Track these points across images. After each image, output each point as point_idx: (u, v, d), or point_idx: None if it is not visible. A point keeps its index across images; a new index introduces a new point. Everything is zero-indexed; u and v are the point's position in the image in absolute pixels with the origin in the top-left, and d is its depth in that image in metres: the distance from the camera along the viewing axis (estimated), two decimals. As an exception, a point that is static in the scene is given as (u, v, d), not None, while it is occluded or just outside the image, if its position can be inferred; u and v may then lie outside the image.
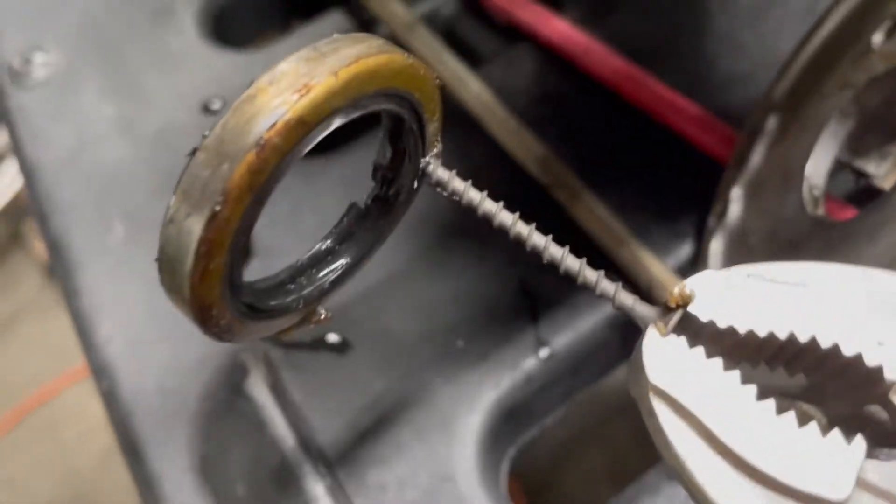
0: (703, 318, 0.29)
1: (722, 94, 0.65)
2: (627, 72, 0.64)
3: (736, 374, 0.27)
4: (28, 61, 0.71)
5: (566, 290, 0.56)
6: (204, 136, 0.24)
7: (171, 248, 0.25)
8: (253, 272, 0.58)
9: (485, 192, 0.32)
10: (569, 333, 0.54)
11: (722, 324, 0.29)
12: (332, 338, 0.55)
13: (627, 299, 0.30)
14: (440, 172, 0.32)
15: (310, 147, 0.26)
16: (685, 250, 0.57)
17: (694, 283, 0.30)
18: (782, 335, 0.28)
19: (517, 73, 0.68)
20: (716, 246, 0.54)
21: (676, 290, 0.29)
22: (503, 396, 0.52)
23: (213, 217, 0.24)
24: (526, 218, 0.32)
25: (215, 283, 0.26)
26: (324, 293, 0.33)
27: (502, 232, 0.62)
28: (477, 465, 0.50)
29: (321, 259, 0.33)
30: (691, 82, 0.65)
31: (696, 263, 0.55)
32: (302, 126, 0.24)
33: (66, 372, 1.68)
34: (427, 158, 0.32)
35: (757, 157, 0.54)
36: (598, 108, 0.65)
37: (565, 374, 0.55)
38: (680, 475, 0.27)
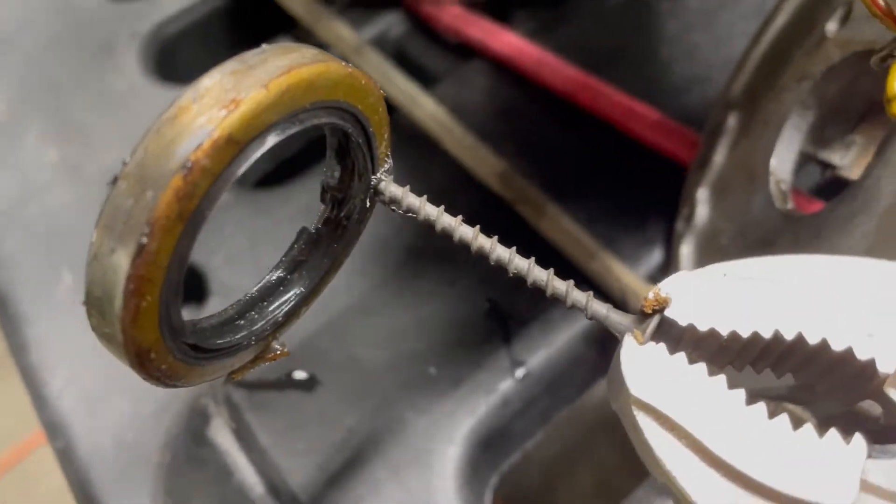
0: (682, 322, 0.27)
1: (678, 98, 0.64)
2: (583, 81, 0.63)
3: (722, 380, 0.25)
4: (-36, 111, 0.68)
5: (538, 307, 0.54)
6: (124, 163, 0.22)
7: (98, 287, 0.22)
8: (212, 311, 0.56)
9: (441, 207, 0.30)
10: (544, 351, 0.52)
11: (702, 327, 0.27)
12: (299, 374, 0.53)
13: (601, 308, 0.28)
14: (393, 189, 0.30)
15: (245, 168, 0.23)
16: (655, 257, 0.56)
17: (669, 286, 0.28)
18: (767, 334, 0.27)
19: (471, 90, 0.66)
20: (686, 249, 0.53)
21: (651, 295, 0.27)
22: (480, 423, 0.50)
23: (140, 251, 0.22)
24: (492, 236, 0.30)
25: (150, 323, 0.23)
26: (277, 327, 0.31)
27: (467, 252, 0.60)
28: (458, 498, 0.48)
29: (272, 290, 0.31)
30: (647, 88, 0.64)
31: (667, 269, 0.54)
32: (232, 145, 0.22)
33: (39, 429, 1.63)
34: (378, 175, 0.30)
35: (720, 156, 0.53)
36: (556, 120, 0.63)
37: (543, 394, 0.53)
38: (671, 491, 0.25)
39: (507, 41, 0.66)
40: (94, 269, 0.22)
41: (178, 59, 0.76)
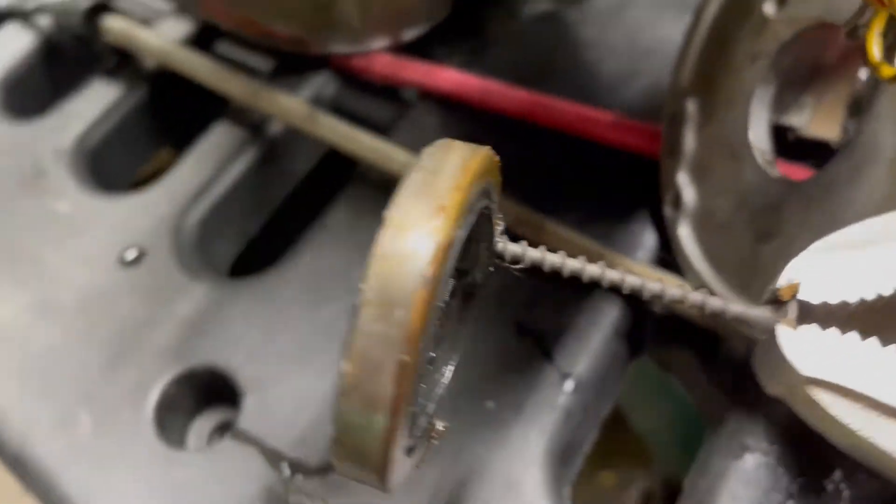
0: (814, 300, 0.30)
1: (616, 95, 0.68)
2: (531, 99, 0.66)
3: (875, 341, 0.29)
4: None
5: (562, 316, 0.57)
6: (360, 291, 0.23)
7: (358, 417, 0.23)
8: (251, 409, 0.55)
9: (563, 252, 0.32)
10: (585, 357, 0.55)
11: (833, 300, 0.30)
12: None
13: (738, 308, 0.31)
14: (512, 248, 0.32)
15: (452, 264, 0.25)
16: (649, 244, 0.60)
17: (790, 273, 0.31)
18: (888, 292, 0.30)
19: (426, 132, 0.68)
20: (684, 231, 0.56)
21: (783, 283, 0.30)
22: (551, 440, 0.52)
23: (402, 369, 0.22)
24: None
25: (401, 436, 0.24)
26: (438, 402, 0.32)
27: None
28: (553, 516, 0.50)
29: (426, 371, 0.32)
30: (583, 92, 0.68)
31: (669, 253, 0.58)
32: (449, 248, 0.24)
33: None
34: (497, 238, 0.32)
35: (690, 141, 0.57)
36: (515, 140, 0.66)
37: (593, 399, 0.55)
38: (863, 451, 0.28)
39: (447, 76, 0.69)
40: (353, 399, 0.23)
41: (111, 164, 0.73)
